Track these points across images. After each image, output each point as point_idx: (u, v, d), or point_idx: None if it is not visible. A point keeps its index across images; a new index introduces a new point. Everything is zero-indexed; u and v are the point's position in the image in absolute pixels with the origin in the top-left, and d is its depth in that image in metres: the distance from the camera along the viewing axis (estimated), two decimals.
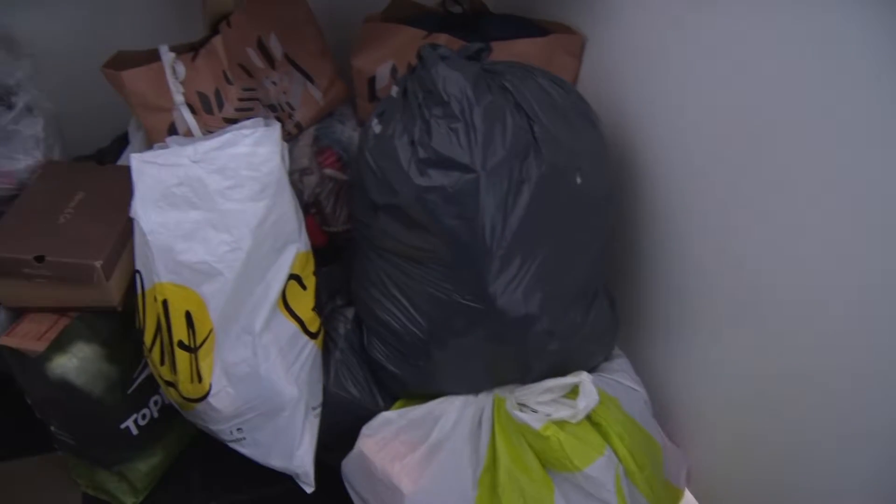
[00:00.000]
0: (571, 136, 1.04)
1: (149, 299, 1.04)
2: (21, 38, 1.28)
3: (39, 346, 1.01)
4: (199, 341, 1.03)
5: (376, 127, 1.07)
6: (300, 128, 1.33)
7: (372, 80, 1.32)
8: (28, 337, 1.03)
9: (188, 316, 1.03)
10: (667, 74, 1.10)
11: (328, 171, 1.33)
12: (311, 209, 1.34)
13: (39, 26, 1.33)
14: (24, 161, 1.18)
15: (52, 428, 1.12)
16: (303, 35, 1.32)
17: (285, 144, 1.14)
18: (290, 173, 1.30)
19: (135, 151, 1.22)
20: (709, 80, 1.01)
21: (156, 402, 1.17)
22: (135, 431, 1.13)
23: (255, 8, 1.25)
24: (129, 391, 1.11)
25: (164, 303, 1.02)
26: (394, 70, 1.30)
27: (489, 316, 1.03)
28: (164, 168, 1.00)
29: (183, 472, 1.24)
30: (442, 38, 1.25)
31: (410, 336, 1.10)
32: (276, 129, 1.05)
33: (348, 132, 1.38)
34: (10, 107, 1.19)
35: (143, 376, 1.13)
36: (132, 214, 1.01)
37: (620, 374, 1.17)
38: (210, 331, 1.03)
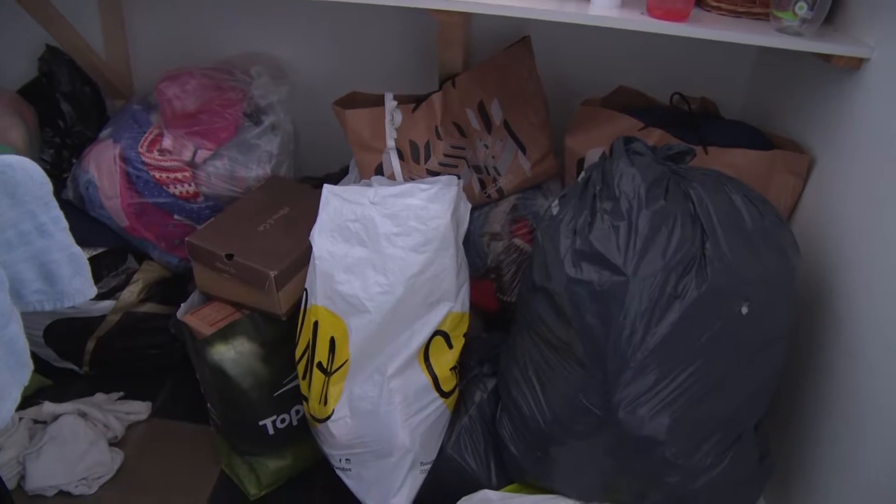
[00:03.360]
0: (749, 262, 0.95)
1: (307, 317, 1.12)
2: (285, 66, 1.47)
3: (208, 331, 1.14)
4: (334, 367, 1.10)
5: (555, 208, 1.07)
6: (501, 194, 1.36)
7: (581, 162, 1.31)
8: (204, 320, 1.16)
9: (332, 342, 1.09)
10: None
11: (517, 240, 1.34)
12: (490, 274, 1.35)
13: (302, 59, 1.52)
14: (254, 171, 1.34)
15: (208, 405, 1.26)
16: (527, 106, 1.35)
17: (468, 205, 1.17)
18: (481, 235, 1.34)
19: (350, 182, 1.34)
20: None
21: (297, 411, 1.25)
22: (271, 431, 1.22)
23: (484, 73, 1.30)
24: (276, 394, 1.21)
25: (315, 324, 1.10)
26: (604, 156, 1.28)
27: (607, 426, 0.97)
28: (346, 203, 1.09)
29: (307, 482, 1.30)
30: (656, 134, 1.21)
31: (535, 424, 1.07)
32: (453, 190, 1.09)
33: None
34: (258, 123, 1.37)
35: (291, 384, 1.22)
36: (310, 238, 1.10)
37: None
38: (346, 361, 1.09)
